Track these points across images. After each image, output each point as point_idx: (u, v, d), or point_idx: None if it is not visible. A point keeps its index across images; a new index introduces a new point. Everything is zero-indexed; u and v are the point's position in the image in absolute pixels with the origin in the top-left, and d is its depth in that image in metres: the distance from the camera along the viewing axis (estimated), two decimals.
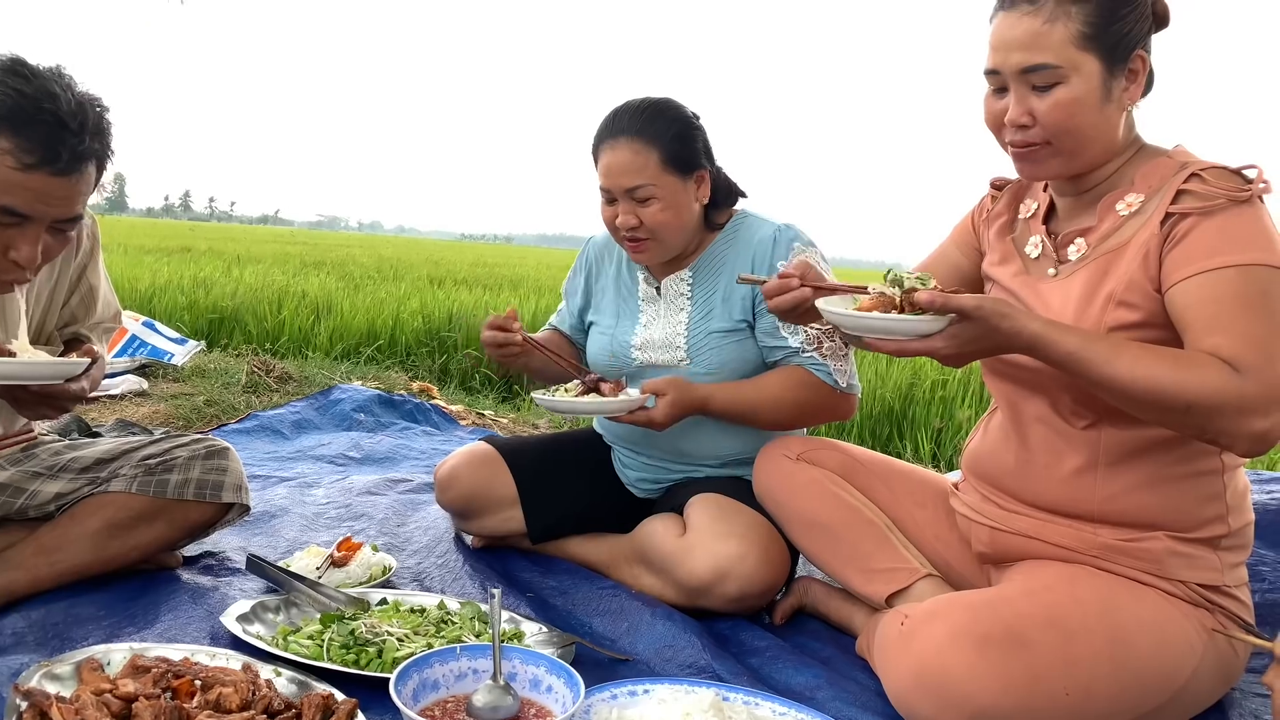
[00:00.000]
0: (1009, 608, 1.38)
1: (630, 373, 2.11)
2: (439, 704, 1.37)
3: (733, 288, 2.00)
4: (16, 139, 1.40)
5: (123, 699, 1.26)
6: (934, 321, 1.30)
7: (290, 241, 27.15)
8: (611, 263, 2.21)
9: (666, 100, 2.00)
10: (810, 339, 1.94)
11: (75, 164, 1.45)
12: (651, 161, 1.91)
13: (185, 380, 4.14)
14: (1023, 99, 1.40)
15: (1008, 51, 1.39)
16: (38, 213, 1.45)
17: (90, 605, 1.68)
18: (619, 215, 1.95)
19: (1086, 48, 1.36)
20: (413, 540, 2.23)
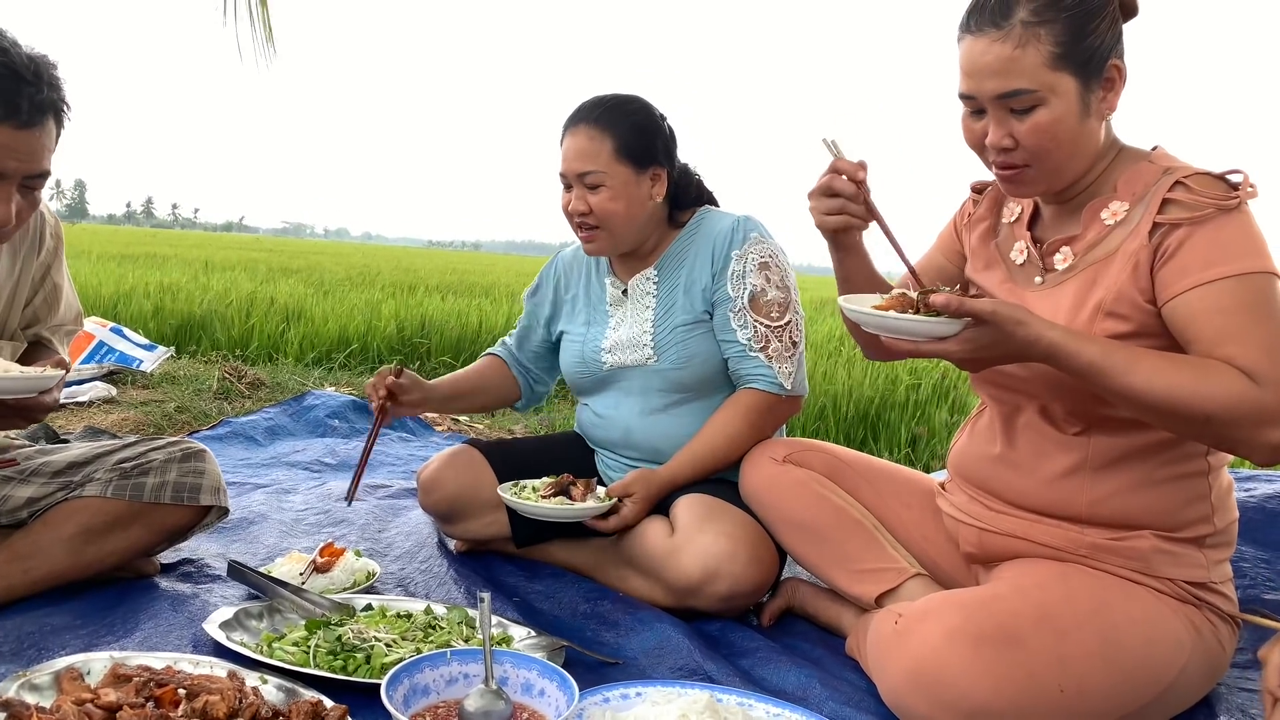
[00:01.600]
0: (1002, 606, 1.38)
1: (600, 377, 2.12)
2: (430, 709, 1.35)
3: (693, 280, 2.02)
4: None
5: (105, 709, 1.23)
6: (949, 324, 1.29)
7: (256, 248, 26.85)
8: (581, 274, 2.22)
9: (633, 96, 2.04)
10: (758, 337, 1.96)
11: (36, 115, 1.46)
12: (605, 149, 1.94)
13: (155, 387, 4.07)
14: (1002, 122, 1.39)
15: (981, 79, 1.38)
16: (8, 169, 1.46)
17: (67, 614, 1.64)
18: (571, 201, 1.99)
19: (1060, 68, 1.34)
20: (395, 546, 2.21)
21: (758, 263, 1.98)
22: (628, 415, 2.09)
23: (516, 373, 2.31)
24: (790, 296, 2.01)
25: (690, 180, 2.12)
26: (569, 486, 1.96)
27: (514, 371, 2.31)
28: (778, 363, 1.97)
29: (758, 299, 1.97)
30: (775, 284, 1.98)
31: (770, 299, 1.97)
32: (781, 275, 2.00)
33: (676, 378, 2.03)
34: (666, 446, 2.04)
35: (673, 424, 2.05)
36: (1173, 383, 1.25)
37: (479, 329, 6.74)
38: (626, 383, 2.10)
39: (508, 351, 2.33)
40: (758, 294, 1.97)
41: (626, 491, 1.94)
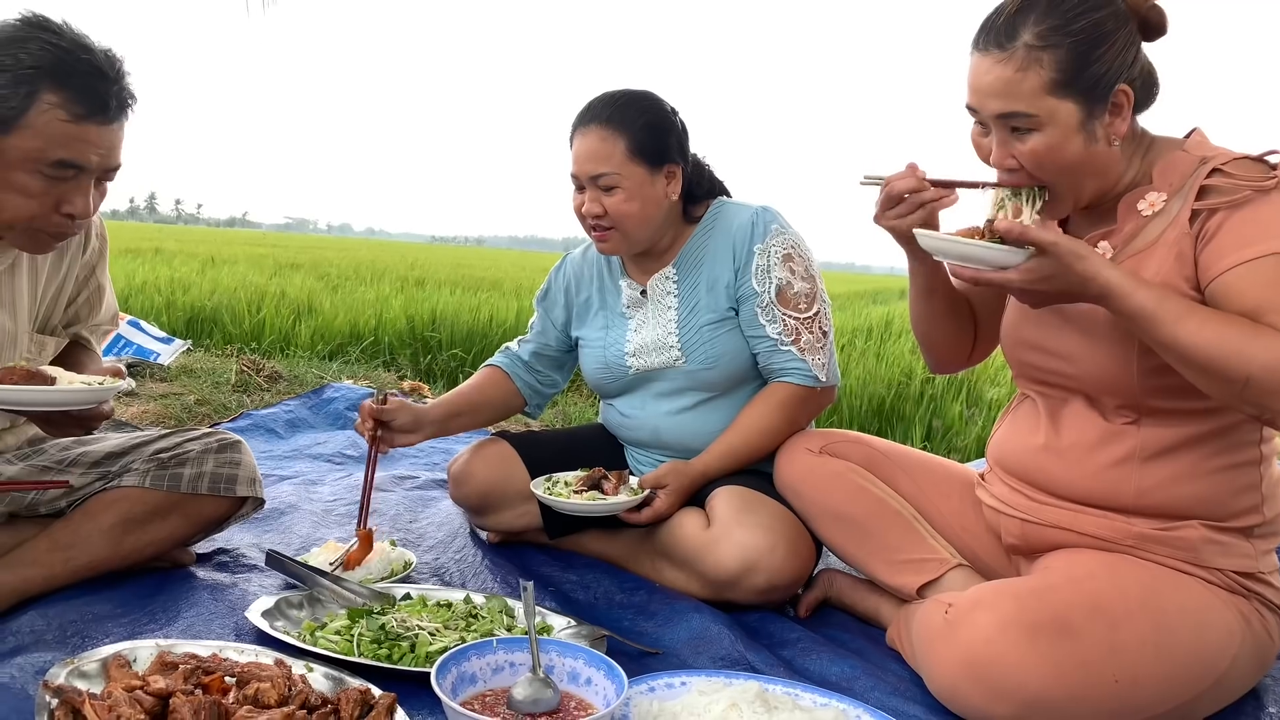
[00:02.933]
0: (1055, 596, 1.37)
1: (627, 382, 2.10)
2: (478, 697, 1.35)
3: (716, 277, 2.00)
4: (63, 91, 1.43)
5: (155, 695, 1.23)
6: (1014, 253, 1.30)
7: (261, 244, 26.86)
8: (593, 277, 2.19)
9: (643, 92, 2.00)
10: (788, 330, 1.94)
11: (120, 111, 1.50)
12: (618, 150, 1.90)
13: (173, 380, 4.06)
14: (1004, 142, 1.40)
15: (982, 97, 1.38)
16: (92, 164, 1.48)
17: (108, 602, 1.64)
18: (585, 203, 1.95)
19: (1061, 95, 1.34)
20: (427, 536, 2.20)
21: (781, 255, 1.96)
22: (655, 416, 2.08)
23: (520, 382, 2.25)
24: (816, 286, 1.99)
25: (703, 173, 2.08)
26: (601, 480, 1.94)
27: (517, 382, 2.24)
28: (810, 355, 1.95)
29: (784, 292, 1.95)
30: (800, 275, 1.97)
31: (797, 291, 1.96)
32: (805, 265, 1.99)
33: (705, 377, 2.01)
34: (697, 444, 2.02)
35: (702, 422, 2.04)
36: (1220, 337, 1.24)
37: (489, 323, 6.74)
38: (653, 384, 2.08)
39: (510, 359, 2.27)
40: (784, 287, 1.95)
41: (659, 483, 1.92)
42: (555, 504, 1.90)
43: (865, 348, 6.35)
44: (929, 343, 1.72)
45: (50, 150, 1.44)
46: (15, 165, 1.45)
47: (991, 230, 1.31)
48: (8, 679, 1.33)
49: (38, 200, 1.47)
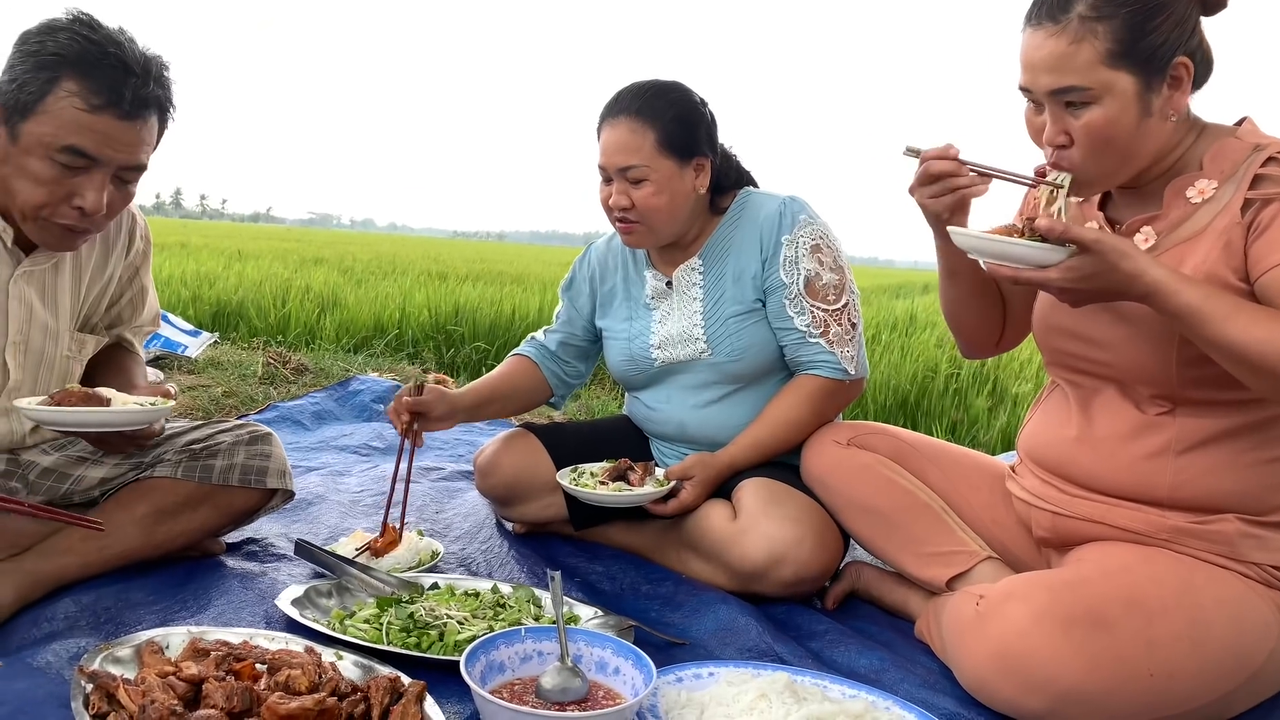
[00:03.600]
0: (1089, 589, 1.36)
1: (652, 373, 2.09)
2: (506, 686, 1.35)
3: (742, 268, 1.98)
4: (84, 81, 1.44)
5: (188, 681, 1.24)
6: (1054, 251, 1.28)
7: (285, 238, 27.04)
8: (617, 267, 2.18)
9: (672, 83, 1.97)
10: (817, 322, 1.92)
11: (139, 108, 1.49)
12: (647, 142, 1.88)
13: (200, 372, 4.10)
14: (1058, 119, 1.36)
15: (1036, 73, 1.35)
16: (104, 156, 1.48)
17: (140, 590, 1.65)
18: (612, 195, 1.93)
19: (1118, 65, 1.31)
20: (454, 526, 2.21)
21: (810, 246, 1.94)
22: (680, 409, 2.07)
23: (547, 371, 2.24)
24: (845, 277, 1.97)
25: (730, 163, 2.06)
26: (627, 471, 1.94)
27: (544, 371, 2.24)
28: (839, 347, 1.93)
29: (813, 283, 1.93)
30: (829, 266, 1.94)
31: (826, 282, 1.93)
32: (834, 256, 1.96)
33: (731, 369, 2.00)
34: (723, 437, 2.01)
35: (728, 414, 2.03)
36: (1271, 335, 1.22)
37: (512, 316, 6.75)
38: (679, 377, 2.07)
39: (538, 348, 2.26)
40: (813, 278, 1.93)
41: (686, 475, 1.92)
42: (581, 495, 1.90)
43: (889, 342, 6.31)
44: (957, 325, 1.71)
45: (62, 135, 1.44)
46: (30, 150, 1.46)
47: (1031, 229, 1.29)
48: (44, 664, 1.35)
49: (48, 189, 1.47)
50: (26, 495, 1.70)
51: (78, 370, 1.77)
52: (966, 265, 1.60)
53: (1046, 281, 1.30)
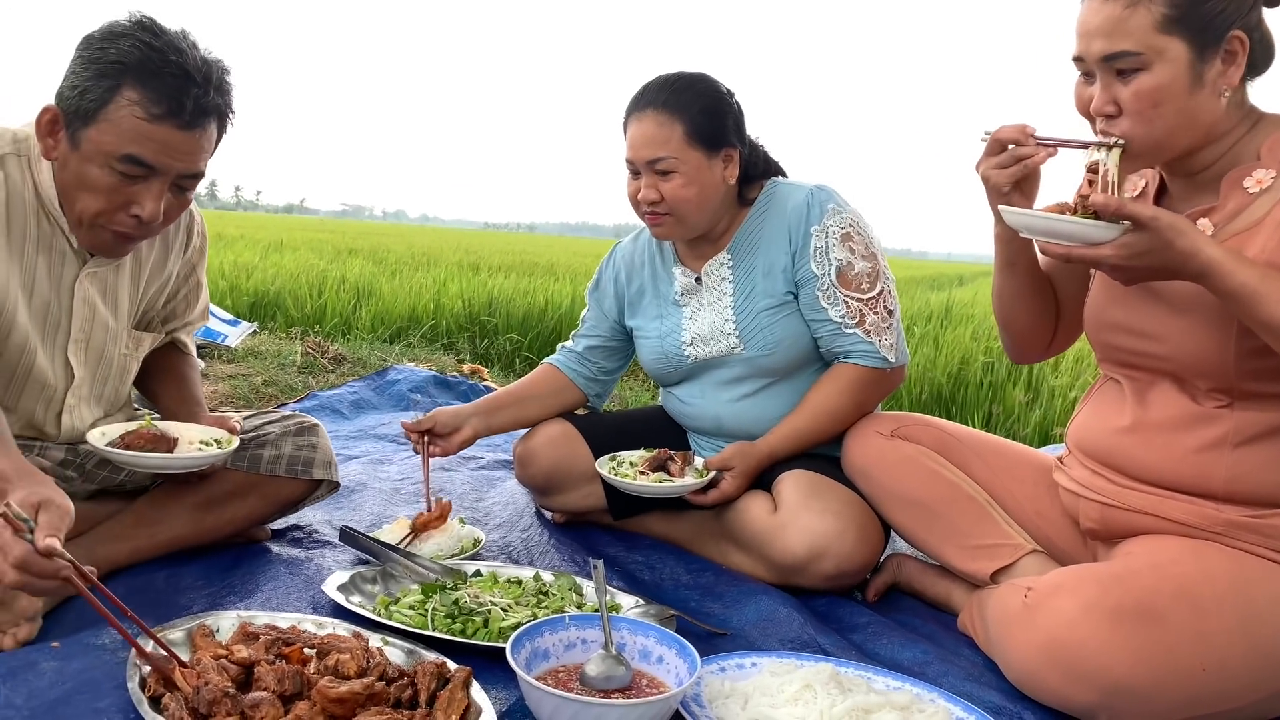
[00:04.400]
0: (1139, 581, 1.34)
1: (686, 370, 2.08)
2: (551, 673, 1.36)
3: (772, 261, 1.96)
4: (144, 90, 1.44)
5: (239, 664, 1.26)
6: (1108, 229, 1.26)
7: (319, 230, 27.28)
8: (645, 264, 2.17)
9: (698, 74, 1.95)
10: (852, 312, 1.90)
11: (199, 117, 1.49)
12: (675, 134, 1.87)
13: (240, 361, 4.15)
14: (1107, 86, 1.35)
15: (1090, 39, 1.34)
16: (163, 165, 1.48)
17: (190, 575, 1.68)
18: (641, 189, 1.92)
19: (1171, 31, 1.29)
20: (494, 515, 2.23)
21: (839, 235, 1.92)
22: (715, 404, 2.06)
23: (574, 374, 2.24)
24: (878, 264, 1.94)
25: (758, 154, 2.04)
26: (667, 461, 1.93)
27: (570, 374, 2.24)
28: (877, 335, 1.91)
29: (845, 273, 1.91)
30: (861, 254, 1.92)
31: (858, 271, 1.91)
32: (865, 243, 1.94)
33: (765, 364, 1.98)
34: (760, 431, 2.00)
35: (764, 409, 2.01)
36: None
37: (544, 307, 6.77)
38: (712, 372, 2.06)
39: (565, 355, 2.27)
40: (844, 268, 1.91)
41: (725, 466, 1.91)
42: (621, 484, 1.89)
43: (924, 334, 6.26)
44: (1009, 324, 1.68)
45: (122, 145, 1.45)
46: (90, 158, 1.47)
47: (1084, 206, 1.28)
48: (99, 645, 1.38)
49: (106, 196, 1.48)
50: (83, 483, 1.74)
51: (134, 368, 1.80)
52: (1025, 256, 1.59)
53: (1099, 259, 1.29)
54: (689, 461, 1.94)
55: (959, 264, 68.65)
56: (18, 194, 1.53)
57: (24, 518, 1.20)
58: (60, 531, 1.20)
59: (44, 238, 1.57)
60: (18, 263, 1.55)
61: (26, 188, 1.54)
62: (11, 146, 1.55)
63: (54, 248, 1.59)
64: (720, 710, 1.30)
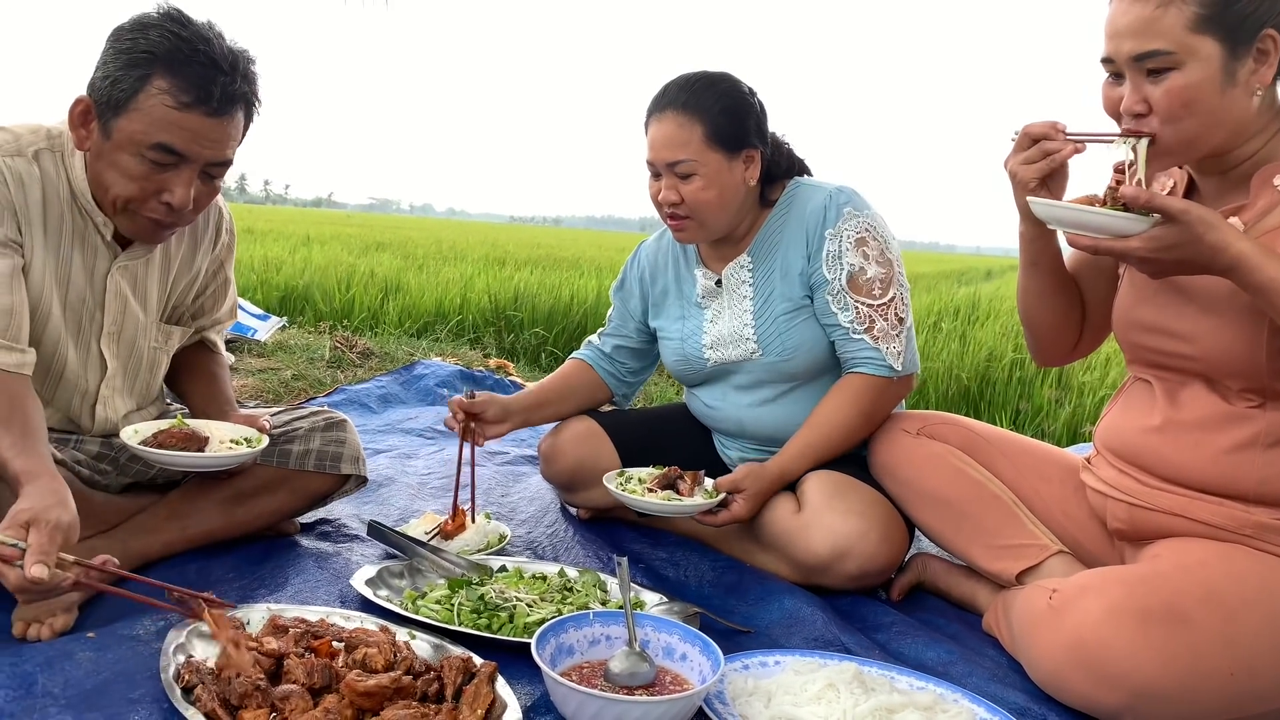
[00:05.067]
0: (1166, 584, 1.34)
1: (706, 373, 2.08)
2: (575, 669, 1.37)
3: (789, 264, 1.94)
4: (173, 79, 1.48)
5: (269, 656, 1.28)
6: (1137, 221, 1.26)
7: (346, 224, 27.48)
8: (668, 266, 2.16)
9: (719, 74, 1.93)
10: (861, 318, 1.88)
11: (227, 105, 1.52)
12: (695, 136, 1.85)
13: (269, 355, 4.20)
14: (1138, 86, 1.33)
15: (1120, 39, 1.32)
16: (192, 153, 1.52)
17: (220, 567, 1.71)
18: (661, 190, 1.91)
19: (1204, 30, 1.28)
20: (519, 510, 2.25)
21: (854, 239, 1.89)
22: (737, 407, 2.05)
23: (603, 372, 2.26)
24: (892, 270, 1.91)
25: (781, 152, 2.02)
26: (676, 480, 1.89)
27: (601, 373, 2.26)
28: (884, 343, 1.88)
29: (856, 278, 1.88)
30: (875, 259, 1.89)
31: (870, 276, 1.89)
32: (881, 248, 1.91)
33: (785, 369, 1.97)
34: (782, 435, 1.98)
35: (786, 413, 2.00)
36: None
37: (570, 301, 6.79)
38: (733, 376, 2.05)
39: (594, 352, 2.28)
40: (856, 273, 1.88)
41: (736, 488, 1.86)
42: (630, 501, 1.85)
43: (951, 330, 6.22)
44: (1033, 325, 1.67)
45: (152, 133, 1.48)
46: (121, 146, 1.50)
47: (1114, 198, 1.27)
48: (133, 635, 1.40)
49: (138, 184, 1.52)
50: (116, 476, 1.77)
51: (164, 362, 1.84)
52: (1049, 256, 1.58)
53: (1128, 251, 1.28)
54: (699, 481, 1.90)
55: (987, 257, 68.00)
56: (53, 188, 1.58)
57: (12, 543, 1.22)
58: (49, 551, 1.22)
59: (78, 231, 1.61)
60: (54, 256, 1.59)
61: (61, 182, 1.58)
62: (46, 142, 1.59)
63: (87, 241, 1.63)
64: (743, 708, 1.31)
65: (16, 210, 1.54)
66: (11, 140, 1.56)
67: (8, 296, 1.49)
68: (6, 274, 1.50)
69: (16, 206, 1.54)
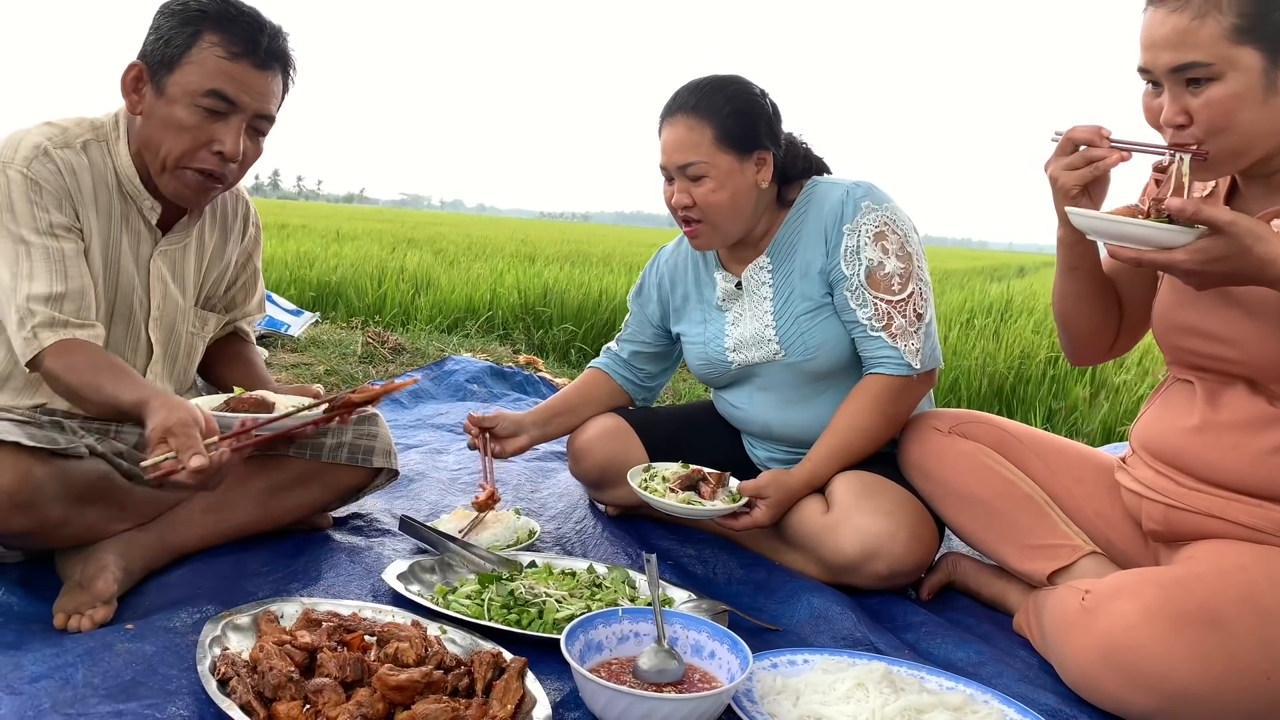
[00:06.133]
0: (1202, 586, 1.32)
1: (731, 376, 2.07)
2: (604, 665, 1.38)
3: (808, 262, 1.93)
4: (222, 33, 1.61)
5: (303, 649, 1.30)
6: (1183, 233, 1.23)
7: (378, 219, 27.69)
8: (688, 270, 2.16)
9: (730, 77, 1.92)
10: (879, 314, 1.86)
11: (271, 59, 1.65)
12: (705, 139, 1.85)
13: (302, 350, 4.25)
14: (1177, 97, 1.31)
15: (1156, 51, 1.30)
16: (242, 101, 1.63)
17: (254, 561, 1.73)
18: (674, 194, 1.91)
19: (1242, 40, 1.25)
20: (549, 506, 2.26)
21: (873, 233, 1.87)
22: (764, 409, 2.04)
23: (621, 379, 2.27)
24: (912, 265, 1.89)
25: (798, 151, 2.00)
26: (699, 482, 1.88)
27: (618, 380, 2.27)
28: (902, 340, 1.86)
29: (874, 274, 1.87)
30: (894, 253, 1.87)
31: (889, 271, 1.87)
32: (901, 242, 1.88)
33: (808, 369, 1.96)
34: (810, 436, 1.97)
35: (813, 414, 1.99)
36: None
37: (599, 298, 6.81)
38: (757, 378, 2.04)
39: (612, 359, 2.29)
40: (874, 268, 1.87)
41: (760, 494, 1.85)
42: (650, 501, 1.85)
43: (983, 327, 6.16)
44: (1068, 326, 1.65)
45: (206, 81, 1.60)
46: (176, 100, 1.61)
47: (1159, 210, 1.24)
48: (170, 628, 1.43)
49: (191, 134, 1.62)
50: None
51: (200, 348, 1.89)
52: (1088, 261, 1.55)
53: (1172, 264, 1.25)
54: (723, 483, 1.89)
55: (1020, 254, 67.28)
56: (100, 177, 1.66)
57: (163, 458, 1.39)
58: (195, 444, 1.40)
59: (125, 216, 1.70)
60: (104, 242, 1.68)
61: (108, 170, 1.68)
62: (91, 133, 1.68)
63: (131, 226, 1.71)
64: (771, 706, 1.31)
65: (73, 198, 1.63)
66: (59, 133, 1.64)
67: (78, 279, 1.60)
68: (73, 257, 1.60)
69: (73, 194, 1.62)
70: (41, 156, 1.59)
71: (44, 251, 1.57)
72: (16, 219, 1.57)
